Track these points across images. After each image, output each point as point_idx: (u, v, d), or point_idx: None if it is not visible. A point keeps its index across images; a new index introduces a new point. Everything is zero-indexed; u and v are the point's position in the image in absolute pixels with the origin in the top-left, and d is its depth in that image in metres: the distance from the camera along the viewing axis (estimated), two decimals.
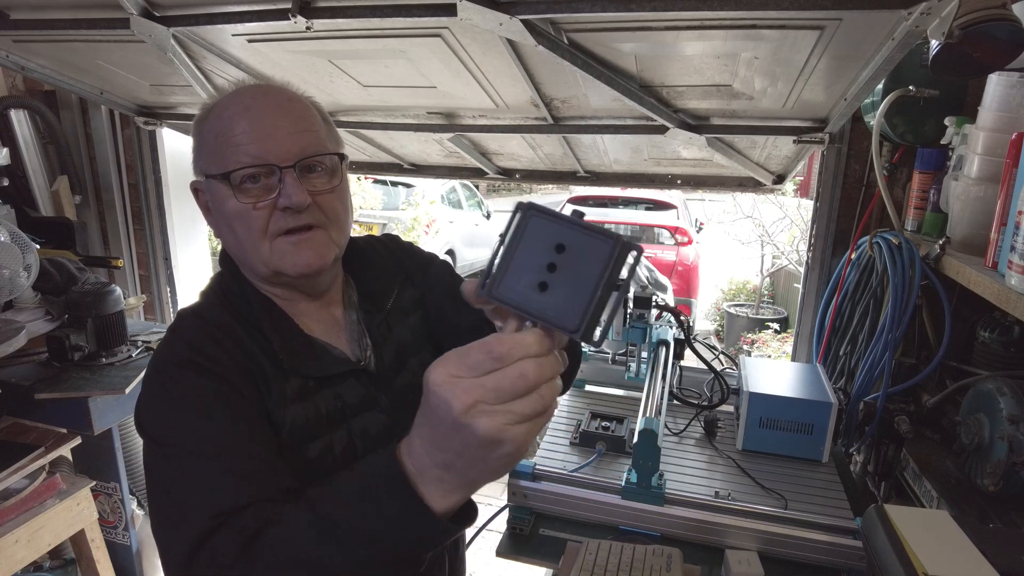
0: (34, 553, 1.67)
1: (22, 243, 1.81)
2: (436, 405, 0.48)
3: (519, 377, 0.47)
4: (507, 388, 0.47)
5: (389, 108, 1.82)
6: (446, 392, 0.47)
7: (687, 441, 1.59)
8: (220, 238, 0.85)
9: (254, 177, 0.78)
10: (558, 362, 0.50)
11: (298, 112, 0.82)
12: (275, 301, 0.86)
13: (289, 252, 0.80)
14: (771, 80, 1.34)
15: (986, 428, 1.23)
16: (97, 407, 1.70)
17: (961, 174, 1.35)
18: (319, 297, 0.90)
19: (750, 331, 5.92)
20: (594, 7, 1.11)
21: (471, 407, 0.46)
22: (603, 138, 1.79)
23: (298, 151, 0.79)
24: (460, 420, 0.46)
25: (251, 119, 0.78)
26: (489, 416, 0.46)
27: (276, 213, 0.79)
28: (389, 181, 7.55)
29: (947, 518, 1.04)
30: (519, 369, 0.47)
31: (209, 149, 0.81)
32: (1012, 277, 1.07)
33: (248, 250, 0.81)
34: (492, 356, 0.47)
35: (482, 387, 0.47)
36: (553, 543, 1.26)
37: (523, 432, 0.47)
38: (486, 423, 0.46)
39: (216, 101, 0.83)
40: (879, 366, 1.50)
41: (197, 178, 0.85)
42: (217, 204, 0.81)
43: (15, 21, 1.55)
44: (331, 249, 0.84)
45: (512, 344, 0.47)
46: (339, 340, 0.90)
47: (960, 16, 0.95)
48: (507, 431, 0.47)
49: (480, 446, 0.47)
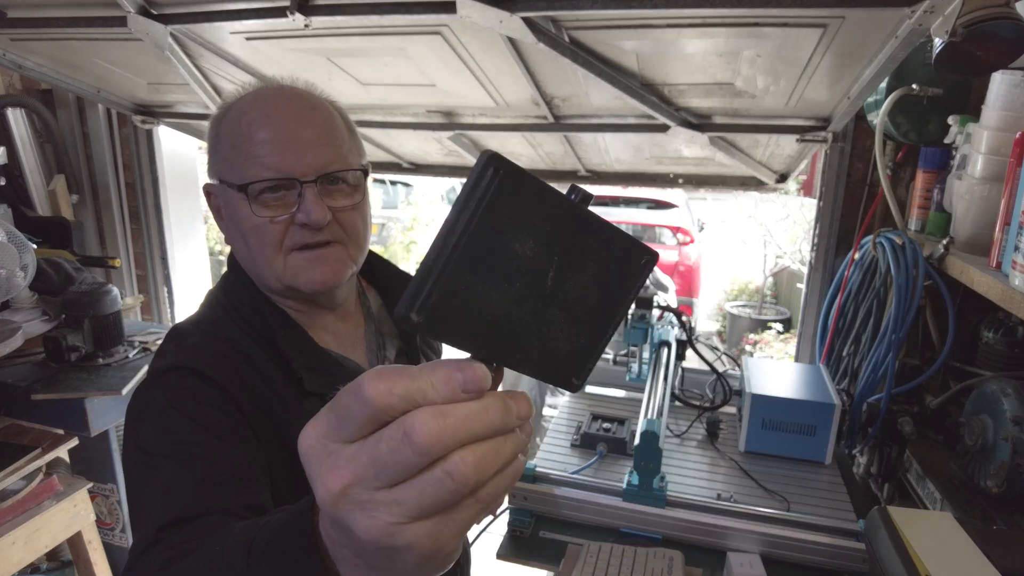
0: (31, 555, 1.66)
1: (19, 243, 1.79)
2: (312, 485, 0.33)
3: (401, 441, 0.29)
4: (386, 461, 0.30)
5: (388, 106, 1.81)
6: (311, 469, 0.32)
7: (689, 443, 1.58)
8: (231, 245, 0.83)
9: (273, 189, 0.75)
10: (494, 411, 0.32)
11: (321, 122, 0.78)
12: (289, 314, 0.83)
13: (304, 268, 0.78)
14: (774, 78, 1.33)
15: (990, 429, 1.22)
16: (94, 408, 1.69)
17: (965, 173, 1.34)
18: (334, 309, 0.87)
19: (753, 332, 5.91)
20: (595, 4, 1.10)
21: (340, 495, 0.31)
22: (604, 137, 1.78)
23: (320, 165, 0.76)
24: (332, 514, 0.32)
25: (272, 128, 0.75)
26: (366, 510, 0.30)
27: (293, 227, 0.76)
28: (388, 180, 7.54)
29: (950, 520, 1.04)
30: (401, 427, 0.30)
31: (226, 154, 0.78)
32: (1016, 277, 1.06)
33: (261, 263, 0.78)
34: (364, 398, 0.30)
35: (355, 461, 0.31)
36: (554, 545, 1.25)
37: (425, 534, 0.31)
38: (364, 522, 0.30)
39: (235, 101, 0.79)
40: (882, 367, 1.49)
41: (211, 180, 0.82)
42: (231, 212, 0.78)
43: (12, 19, 1.54)
44: (347, 266, 0.81)
45: (396, 377, 0.30)
46: (356, 352, 0.88)
47: (964, 14, 0.94)
48: (398, 534, 0.30)
49: (371, 551, 0.32)
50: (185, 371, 0.72)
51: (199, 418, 0.69)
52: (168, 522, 0.59)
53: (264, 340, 0.79)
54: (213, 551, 0.50)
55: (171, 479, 0.64)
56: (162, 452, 0.66)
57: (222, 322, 0.80)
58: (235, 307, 0.82)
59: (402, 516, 0.30)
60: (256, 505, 0.65)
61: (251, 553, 0.45)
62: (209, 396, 0.71)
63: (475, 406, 0.31)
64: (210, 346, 0.76)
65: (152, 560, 0.56)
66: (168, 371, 0.73)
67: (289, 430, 0.74)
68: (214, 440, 0.68)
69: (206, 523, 0.59)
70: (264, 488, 0.69)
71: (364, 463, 0.30)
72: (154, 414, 0.70)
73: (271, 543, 0.44)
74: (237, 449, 0.69)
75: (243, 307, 0.82)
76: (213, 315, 0.82)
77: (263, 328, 0.80)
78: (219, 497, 0.63)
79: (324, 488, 0.31)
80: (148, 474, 0.65)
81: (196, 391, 0.71)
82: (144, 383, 0.75)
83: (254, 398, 0.74)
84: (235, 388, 0.73)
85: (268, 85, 0.81)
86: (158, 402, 0.71)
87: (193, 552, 0.54)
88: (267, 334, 0.80)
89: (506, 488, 0.33)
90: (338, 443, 0.32)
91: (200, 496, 0.62)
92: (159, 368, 0.74)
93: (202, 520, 0.60)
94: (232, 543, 0.48)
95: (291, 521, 0.42)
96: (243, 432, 0.71)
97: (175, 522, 0.59)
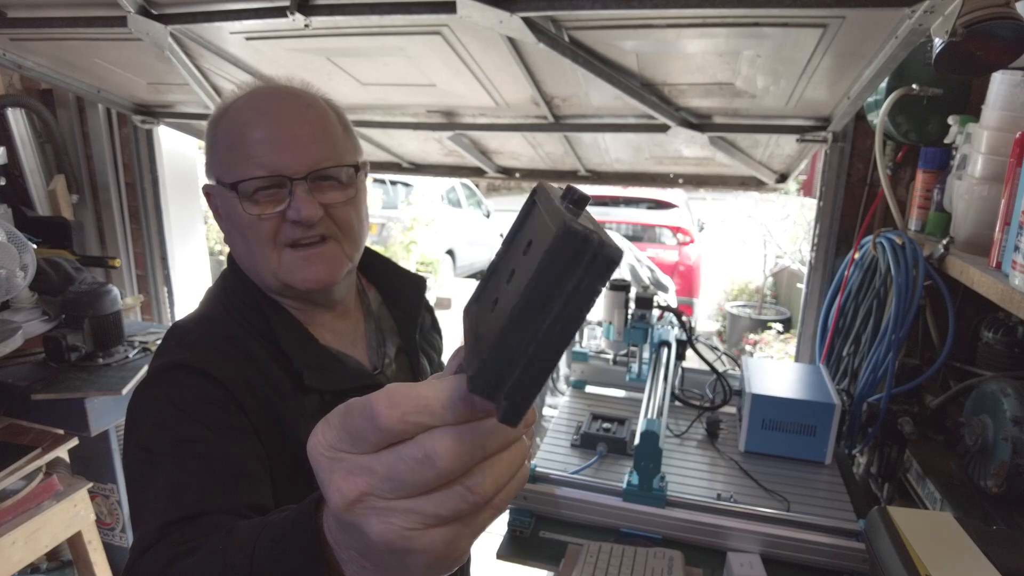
0: (31, 555, 1.66)
1: (19, 243, 1.79)
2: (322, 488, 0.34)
3: (422, 463, 0.30)
4: (406, 479, 0.31)
5: (388, 106, 1.81)
6: (323, 474, 0.33)
7: (689, 443, 1.58)
8: (229, 245, 0.83)
9: (264, 188, 0.76)
10: (507, 434, 0.32)
11: (315, 119, 0.79)
12: (289, 312, 0.83)
13: (298, 266, 0.78)
14: (774, 78, 1.33)
15: (990, 429, 1.22)
16: (94, 408, 1.69)
17: (965, 173, 1.34)
18: (333, 307, 0.88)
19: (753, 332, 5.91)
20: (595, 4, 1.10)
21: (355, 502, 0.32)
22: (604, 137, 1.78)
23: (312, 162, 0.76)
24: (345, 518, 0.33)
25: (266, 127, 0.76)
26: (382, 516, 0.32)
27: (286, 224, 0.77)
28: (388, 180, 7.54)
29: (950, 520, 1.04)
30: (422, 449, 0.31)
31: (222, 154, 0.78)
32: (1016, 277, 1.06)
33: (258, 260, 0.79)
34: (377, 425, 0.31)
35: (370, 472, 0.32)
36: (554, 546, 1.25)
37: (441, 540, 0.32)
38: (379, 527, 0.32)
39: (231, 102, 0.80)
40: (882, 367, 1.49)
41: (209, 181, 0.82)
42: (227, 211, 0.79)
43: (12, 19, 1.54)
44: (343, 263, 0.81)
45: (410, 404, 0.31)
46: (356, 349, 0.88)
47: (963, 14, 0.94)
48: (413, 539, 0.31)
49: (381, 553, 0.33)
50: (187, 369, 0.72)
51: (201, 416, 0.69)
52: (171, 520, 0.59)
53: (264, 337, 0.79)
54: (217, 550, 0.50)
55: (174, 478, 0.64)
56: (164, 450, 0.66)
57: (222, 319, 0.80)
58: (235, 305, 0.82)
59: (418, 523, 0.31)
60: (258, 504, 0.65)
61: (255, 553, 0.45)
62: (211, 394, 0.71)
63: (491, 424, 0.31)
64: (211, 343, 0.76)
65: (155, 558, 0.56)
66: (169, 369, 0.73)
67: (290, 427, 0.75)
68: (216, 438, 0.68)
69: (209, 522, 0.59)
70: (266, 486, 0.69)
71: (381, 475, 0.31)
72: (156, 412, 0.70)
73: (275, 543, 0.44)
74: (239, 447, 0.69)
75: (243, 305, 0.82)
76: (213, 312, 0.82)
77: (263, 326, 0.80)
78: (222, 496, 0.63)
79: (338, 493, 0.32)
80: (150, 472, 0.65)
81: (198, 389, 0.71)
82: (145, 381, 0.75)
83: (255, 395, 0.74)
84: (236, 385, 0.73)
85: (263, 85, 0.82)
86: (160, 400, 0.71)
87: (196, 551, 0.54)
88: (267, 331, 0.80)
89: (516, 492, 0.35)
90: (350, 453, 0.33)
91: (203, 495, 0.62)
92: (160, 366, 0.74)
93: (205, 519, 0.60)
94: (236, 542, 0.48)
95: (295, 521, 0.43)
96: (245, 430, 0.71)
97: (178, 520, 0.59)
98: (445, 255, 7.61)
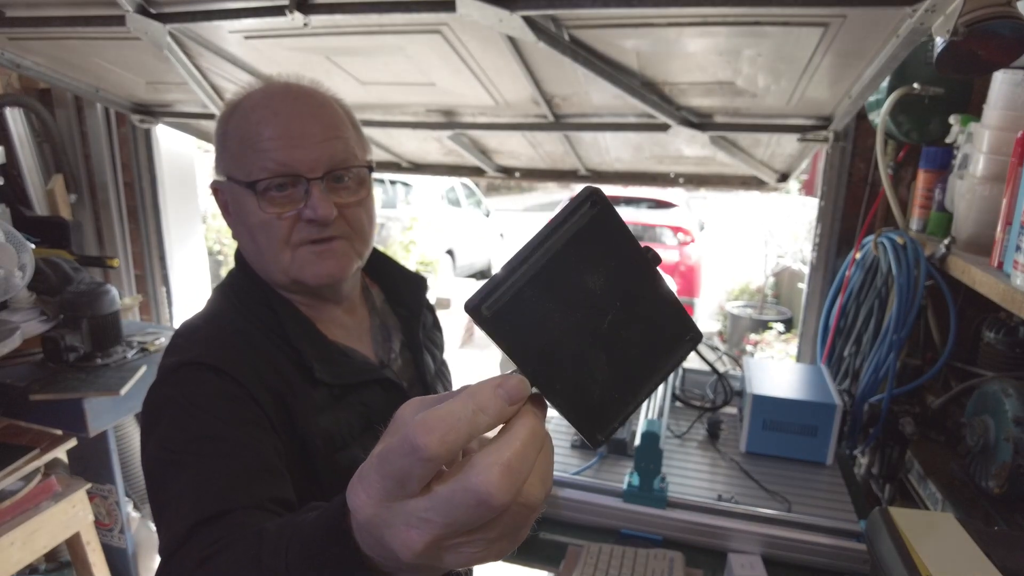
0: (29, 556, 1.65)
1: (17, 242, 1.79)
2: (377, 549, 0.36)
3: (478, 507, 0.32)
4: (467, 523, 0.33)
5: (387, 105, 1.81)
6: (381, 531, 0.34)
7: (690, 443, 1.58)
8: (238, 240, 0.84)
9: (280, 186, 0.76)
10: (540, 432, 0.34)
11: (328, 118, 0.79)
12: (298, 307, 0.84)
13: (311, 262, 0.79)
14: (774, 77, 1.32)
15: (991, 430, 1.21)
16: (93, 408, 1.68)
17: (966, 173, 1.34)
18: (340, 303, 0.89)
19: (754, 332, 5.90)
20: (595, 3, 1.10)
21: (422, 554, 0.34)
22: (604, 136, 1.78)
23: (327, 161, 0.77)
24: (415, 563, 0.35)
25: (279, 125, 0.76)
26: (450, 552, 0.34)
27: (300, 223, 0.77)
28: (387, 179, 7.54)
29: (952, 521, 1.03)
30: (475, 496, 0.31)
31: (234, 151, 0.78)
32: (1017, 277, 1.06)
33: (268, 258, 0.79)
34: (422, 457, 0.31)
35: (430, 523, 0.33)
36: (554, 547, 1.25)
37: (508, 546, 0.36)
38: (451, 560, 0.35)
39: (242, 98, 0.80)
40: (884, 367, 1.48)
41: (218, 177, 0.82)
42: (239, 209, 0.79)
43: (10, 19, 1.53)
44: (353, 260, 0.83)
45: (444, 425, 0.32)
46: (362, 344, 0.89)
47: (965, 13, 0.93)
48: (484, 557, 0.35)
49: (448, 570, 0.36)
50: (198, 366, 0.72)
51: (218, 412, 0.69)
52: (199, 519, 0.59)
53: (273, 332, 0.80)
54: (250, 553, 0.50)
55: (197, 475, 0.64)
56: (185, 448, 0.66)
57: (230, 316, 0.81)
58: (243, 301, 0.82)
59: (485, 546, 0.35)
60: (281, 497, 0.66)
61: (288, 559, 0.45)
62: (225, 389, 0.71)
63: (527, 436, 0.33)
64: (221, 339, 0.76)
65: (186, 559, 0.56)
66: (181, 367, 0.73)
67: (301, 420, 0.75)
68: (235, 433, 0.68)
69: (236, 519, 0.60)
70: (286, 479, 0.70)
71: (441, 524, 0.33)
72: (172, 411, 0.70)
73: (307, 544, 0.44)
74: (257, 441, 0.70)
75: (251, 301, 0.82)
76: (221, 309, 0.83)
77: (272, 321, 0.81)
78: (247, 491, 0.63)
79: (408, 549, 0.34)
80: (172, 471, 0.65)
81: (211, 385, 0.71)
82: (158, 381, 0.75)
83: (268, 388, 0.74)
84: (249, 380, 0.73)
85: (275, 83, 0.82)
86: (175, 398, 0.70)
87: (227, 550, 0.54)
88: (276, 327, 0.80)
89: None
90: (401, 501, 0.33)
91: (227, 491, 0.62)
92: (172, 364, 0.74)
93: (232, 515, 0.60)
94: (268, 546, 0.48)
95: (327, 527, 0.42)
96: (261, 423, 0.72)
97: (206, 519, 0.59)
98: (445, 255, 7.60)
